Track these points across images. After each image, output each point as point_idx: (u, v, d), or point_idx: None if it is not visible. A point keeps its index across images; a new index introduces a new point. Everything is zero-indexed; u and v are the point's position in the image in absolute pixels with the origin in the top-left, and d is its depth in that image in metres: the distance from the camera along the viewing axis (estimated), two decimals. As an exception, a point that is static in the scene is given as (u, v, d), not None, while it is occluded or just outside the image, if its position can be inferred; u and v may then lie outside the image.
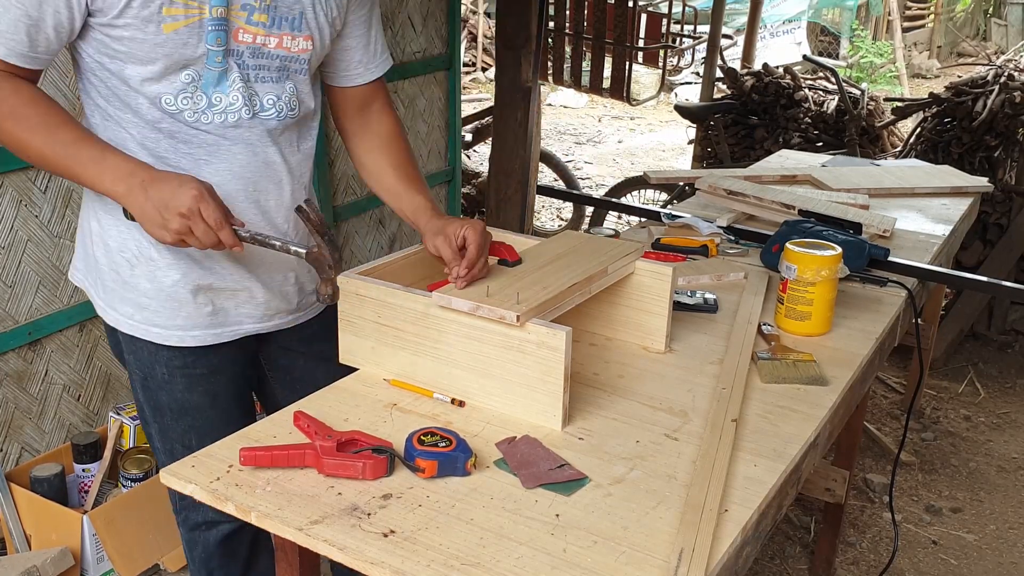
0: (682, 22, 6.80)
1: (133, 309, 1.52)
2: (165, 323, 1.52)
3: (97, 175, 1.34)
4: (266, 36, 1.44)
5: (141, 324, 1.52)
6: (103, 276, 1.52)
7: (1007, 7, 13.79)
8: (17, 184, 2.51)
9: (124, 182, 1.33)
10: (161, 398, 1.59)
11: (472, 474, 1.23)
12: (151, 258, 1.48)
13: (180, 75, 1.39)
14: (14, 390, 2.59)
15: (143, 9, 1.31)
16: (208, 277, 1.51)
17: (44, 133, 1.33)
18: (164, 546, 2.58)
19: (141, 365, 1.58)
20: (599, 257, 1.55)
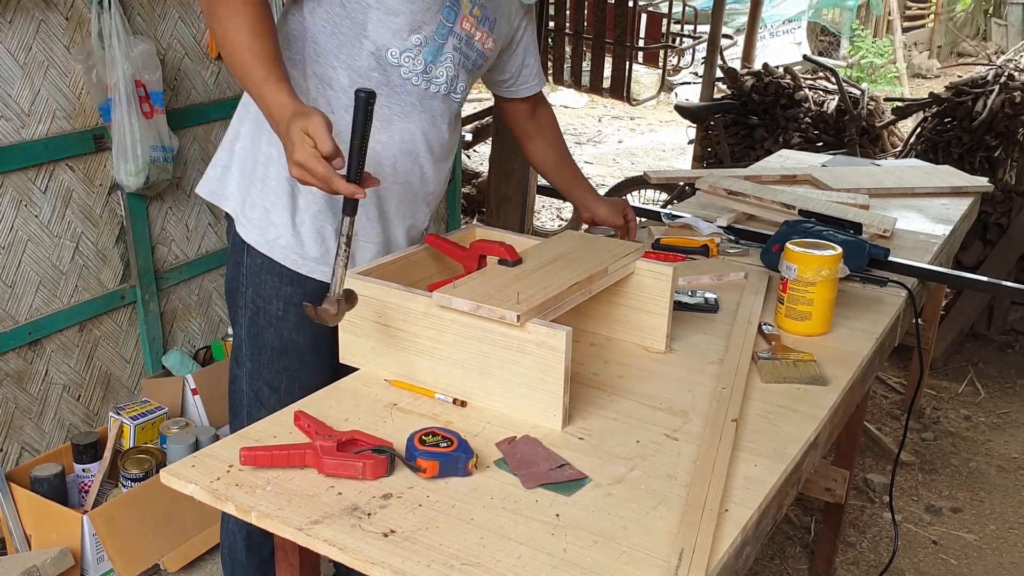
0: (682, 22, 6.80)
1: (279, 232, 1.60)
2: (306, 252, 1.61)
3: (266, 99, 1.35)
4: (475, 30, 1.61)
5: (282, 249, 1.61)
6: (263, 198, 1.60)
7: (1007, 7, 13.79)
8: (17, 184, 2.51)
9: (281, 114, 1.33)
10: (267, 335, 1.67)
11: (473, 474, 1.23)
12: (312, 191, 1.55)
13: (411, 37, 1.52)
14: (14, 390, 2.59)
15: None
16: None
17: (247, 35, 1.37)
18: (164, 546, 2.58)
19: (258, 298, 1.65)
20: (599, 257, 1.55)
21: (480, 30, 1.62)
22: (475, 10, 1.59)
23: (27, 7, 2.43)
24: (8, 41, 2.41)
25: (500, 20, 1.67)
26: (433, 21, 1.53)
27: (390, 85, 1.55)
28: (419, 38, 1.53)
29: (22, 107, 2.49)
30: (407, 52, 1.54)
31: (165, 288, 3.00)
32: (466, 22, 1.58)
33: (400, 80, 1.56)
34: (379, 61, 1.53)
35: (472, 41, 1.62)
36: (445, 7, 1.53)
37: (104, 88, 2.61)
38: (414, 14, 1.50)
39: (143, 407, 2.81)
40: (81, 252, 2.72)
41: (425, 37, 1.54)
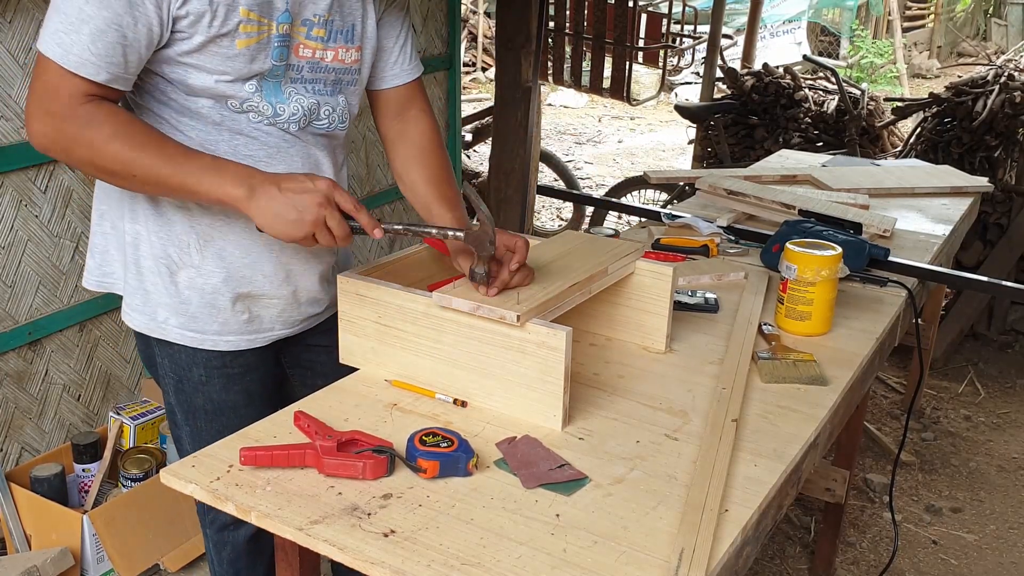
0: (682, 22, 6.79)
1: (169, 313, 1.52)
2: (203, 328, 1.53)
3: (216, 182, 1.32)
4: (324, 50, 1.46)
5: (176, 328, 1.53)
6: (144, 281, 1.52)
7: (1007, 7, 13.79)
8: (17, 184, 2.51)
9: (246, 183, 1.32)
10: (196, 400, 1.60)
11: (473, 474, 1.23)
12: (194, 264, 1.49)
13: (245, 85, 1.40)
14: (14, 390, 2.59)
15: (222, 27, 1.32)
16: (247, 285, 1.52)
17: (153, 150, 1.31)
18: (164, 546, 2.58)
19: (176, 368, 1.58)
20: (599, 257, 1.55)
21: (331, 48, 1.48)
22: (315, 31, 1.44)
23: (27, 7, 2.43)
24: (8, 41, 2.41)
25: (359, 24, 1.51)
26: (264, 66, 1.40)
27: (244, 134, 1.44)
28: (252, 84, 1.41)
29: (22, 107, 2.49)
30: (248, 101, 1.42)
31: (165, 288, 3.00)
32: (304, 49, 1.44)
33: (253, 125, 1.44)
34: (228, 110, 1.42)
35: (321, 63, 1.48)
36: (274, 48, 1.39)
37: (104, 88, 2.60)
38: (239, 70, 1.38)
39: (143, 407, 2.81)
40: (81, 252, 2.72)
41: (258, 83, 1.41)
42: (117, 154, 1.30)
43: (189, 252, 1.48)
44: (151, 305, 1.52)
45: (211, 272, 1.49)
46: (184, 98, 1.41)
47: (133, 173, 1.32)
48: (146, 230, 1.49)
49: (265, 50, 1.38)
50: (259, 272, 1.52)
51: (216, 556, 1.81)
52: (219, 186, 1.32)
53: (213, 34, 1.32)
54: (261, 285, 1.53)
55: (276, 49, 1.39)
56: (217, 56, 1.35)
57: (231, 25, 1.33)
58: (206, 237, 1.48)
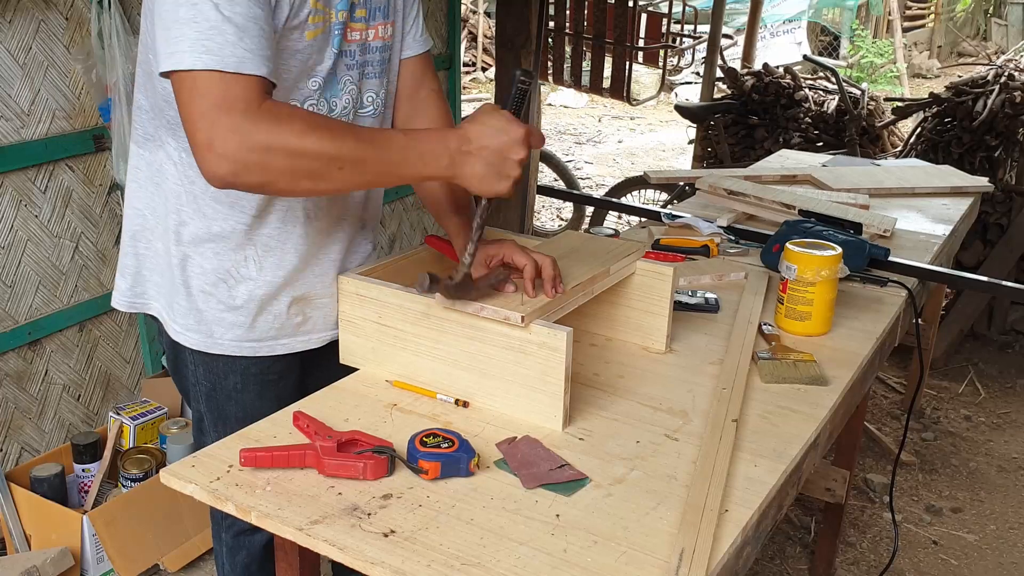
0: (682, 22, 6.79)
1: (224, 329, 1.49)
2: (259, 336, 1.51)
3: (417, 159, 1.25)
4: (367, 30, 1.43)
5: (232, 342, 1.50)
6: (195, 301, 1.47)
7: (1007, 7, 13.78)
8: (17, 184, 2.51)
9: (445, 154, 1.25)
10: (229, 408, 1.57)
11: (475, 474, 1.23)
12: (252, 277, 1.47)
13: (308, 82, 1.38)
14: (14, 390, 2.59)
15: (294, 18, 1.30)
16: (304, 288, 1.51)
17: (352, 135, 1.23)
18: (164, 546, 2.58)
19: (211, 376, 1.54)
20: (601, 257, 1.55)
21: (372, 26, 1.44)
22: (358, 12, 1.40)
23: (27, 7, 2.43)
24: (8, 41, 2.41)
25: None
26: (326, 57, 1.38)
27: None
28: (316, 81, 1.39)
29: (22, 107, 2.49)
30: (310, 100, 1.39)
31: (165, 288, 3.00)
32: (352, 33, 1.40)
33: None
34: None
35: (368, 43, 1.45)
36: (335, 37, 1.37)
37: (104, 88, 2.61)
38: (304, 63, 1.35)
39: (143, 407, 2.81)
40: (81, 252, 2.72)
41: (321, 78, 1.39)
42: (319, 147, 1.19)
43: (247, 265, 1.46)
44: (206, 323, 1.49)
45: (269, 282, 1.48)
46: None
47: (340, 164, 1.21)
48: (195, 251, 1.45)
49: (329, 40, 1.37)
50: (312, 272, 1.52)
51: (229, 561, 1.78)
52: (423, 164, 1.26)
53: (289, 25, 1.29)
54: (314, 285, 1.53)
55: (336, 38, 1.37)
56: (287, 51, 1.32)
57: (303, 16, 1.30)
58: (265, 248, 1.46)
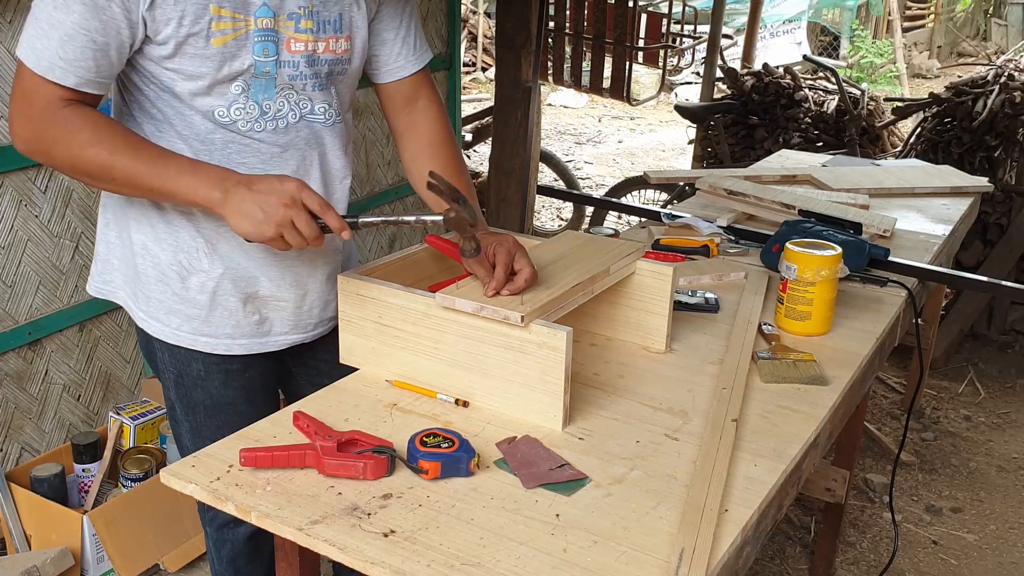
0: (682, 22, 6.79)
1: (181, 320, 1.53)
2: (215, 332, 1.54)
3: (191, 185, 1.33)
4: (315, 42, 1.45)
5: (189, 334, 1.54)
6: (149, 289, 1.52)
7: (1007, 7, 13.78)
8: (17, 184, 2.51)
9: (220, 186, 1.32)
10: (196, 395, 1.60)
11: (475, 474, 1.23)
12: (203, 269, 1.50)
13: (231, 86, 1.40)
14: (14, 390, 2.59)
15: (194, 26, 1.32)
16: (254, 286, 1.53)
17: (129, 153, 1.33)
18: (164, 546, 2.58)
19: (176, 363, 1.58)
20: (601, 257, 1.55)
21: (322, 39, 1.46)
22: (303, 23, 1.42)
23: (27, 7, 2.43)
24: (8, 41, 2.41)
25: (347, 12, 1.49)
26: (245, 63, 1.39)
27: (236, 141, 1.44)
28: (239, 85, 1.40)
29: (22, 107, 2.49)
30: (235, 104, 1.41)
31: (165, 288, 3.00)
32: (295, 43, 1.42)
33: (243, 132, 1.44)
34: (214, 122, 1.42)
35: (316, 55, 1.46)
36: (255, 44, 1.38)
37: (104, 88, 2.60)
38: (218, 69, 1.37)
39: (143, 407, 2.81)
40: (81, 252, 2.72)
41: (246, 82, 1.41)
42: (95, 158, 1.32)
43: (198, 257, 1.49)
44: (163, 312, 1.53)
45: (220, 275, 1.50)
46: (176, 109, 1.41)
47: (112, 176, 1.34)
48: (154, 240, 1.49)
49: (244, 47, 1.37)
50: (264, 275, 1.53)
51: (216, 554, 1.81)
52: (194, 189, 1.33)
53: (184, 34, 1.32)
54: (267, 287, 1.54)
55: (257, 44, 1.38)
56: (195, 57, 1.35)
57: (203, 24, 1.33)
58: (212, 242, 1.49)
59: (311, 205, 1.33)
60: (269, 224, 1.31)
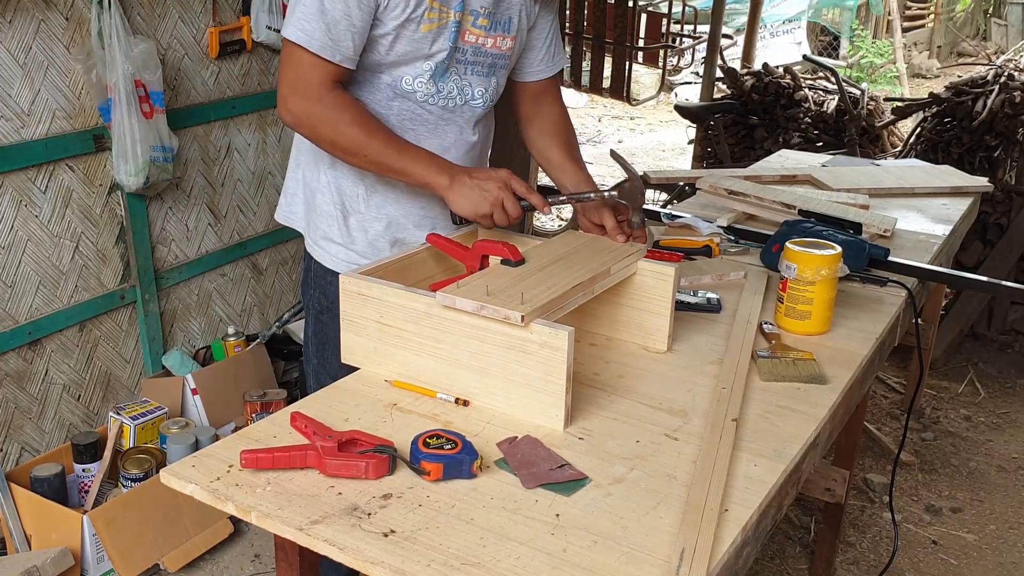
0: (682, 22, 6.80)
1: (338, 248, 1.78)
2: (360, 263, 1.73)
3: (426, 171, 1.61)
4: (485, 37, 1.70)
5: (343, 261, 1.77)
6: (319, 220, 1.79)
7: (1007, 7, 13.78)
8: (17, 184, 2.51)
9: (448, 173, 1.61)
10: (331, 331, 1.75)
11: (477, 476, 1.23)
12: (360, 211, 1.76)
13: (423, 64, 1.66)
14: (14, 390, 2.59)
15: (412, 13, 1.58)
16: (401, 232, 1.78)
17: (383, 138, 1.61)
18: (164, 546, 2.58)
19: (323, 297, 1.81)
20: (602, 257, 1.55)
21: (492, 36, 1.71)
22: (480, 20, 1.67)
23: (27, 7, 2.43)
24: (8, 41, 2.41)
25: (516, 17, 1.74)
26: (443, 49, 1.65)
27: (410, 110, 1.70)
28: (430, 65, 1.66)
29: (22, 107, 2.49)
30: (420, 79, 1.67)
31: (165, 288, 3.00)
32: (469, 35, 1.68)
33: (418, 103, 1.69)
34: (395, 91, 1.67)
35: (483, 49, 1.71)
36: (451, 33, 1.64)
37: (104, 88, 2.61)
38: (419, 50, 1.63)
39: (143, 407, 2.81)
40: (81, 252, 2.72)
41: (434, 64, 1.66)
42: (355, 137, 1.59)
43: (357, 201, 1.76)
44: (325, 240, 1.79)
45: (374, 218, 1.77)
46: (365, 77, 1.66)
47: (365, 154, 1.61)
48: (330, 181, 1.76)
49: (443, 34, 1.63)
50: (410, 222, 1.78)
51: None
52: (428, 174, 1.61)
53: (404, 19, 1.58)
54: (412, 233, 1.78)
55: (452, 33, 1.64)
56: (404, 39, 1.61)
57: (419, 12, 1.58)
58: (372, 190, 1.75)
59: (518, 189, 1.60)
60: (484, 204, 1.59)
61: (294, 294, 3.58)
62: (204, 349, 3.16)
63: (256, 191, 3.30)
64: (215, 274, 3.20)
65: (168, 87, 2.83)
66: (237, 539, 2.74)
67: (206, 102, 3.02)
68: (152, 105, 2.67)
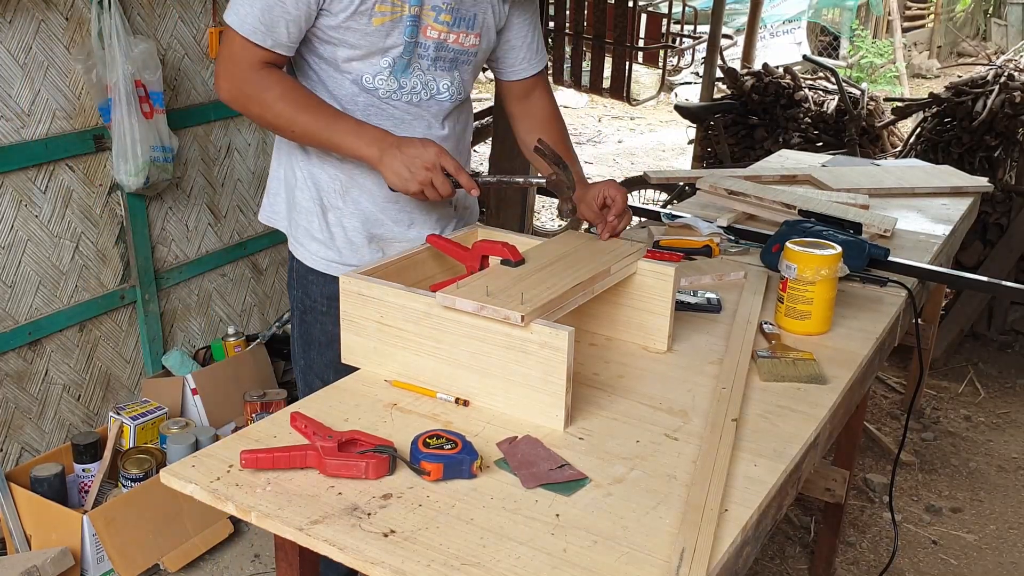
0: (682, 22, 6.80)
1: (318, 247, 1.78)
2: (346, 260, 1.77)
3: (355, 142, 1.61)
4: (448, 33, 1.69)
5: (323, 260, 1.78)
6: (299, 217, 1.79)
7: (1007, 7, 13.78)
8: (17, 184, 2.51)
9: (378, 146, 1.60)
10: (314, 331, 1.82)
11: (477, 476, 1.22)
12: (338, 207, 1.76)
13: (380, 60, 1.66)
14: (14, 390, 2.59)
15: (362, 5, 1.58)
16: (379, 227, 1.78)
17: (311, 111, 1.61)
18: (164, 546, 2.58)
19: (305, 298, 1.82)
20: (602, 257, 1.55)
21: (455, 32, 1.70)
22: (442, 16, 1.66)
23: (27, 7, 2.43)
24: (8, 41, 2.41)
25: (483, 15, 1.73)
26: (398, 44, 1.64)
27: (375, 105, 1.69)
28: (387, 60, 1.66)
29: (22, 107, 2.49)
30: (380, 75, 1.67)
31: (165, 288, 3.00)
32: (431, 31, 1.67)
33: (381, 99, 1.69)
34: (359, 87, 1.68)
35: (446, 44, 1.70)
36: (406, 27, 1.63)
37: (104, 88, 2.61)
38: (373, 44, 1.63)
39: (143, 407, 2.81)
40: (81, 252, 2.72)
41: (392, 59, 1.66)
42: (282, 112, 1.61)
43: (334, 196, 1.75)
44: (307, 238, 1.79)
45: (351, 214, 1.76)
46: (329, 74, 1.67)
47: (292, 128, 1.63)
48: (306, 176, 1.77)
49: (398, 28, 1.63)
50: (388, 217, 1.77)
51: None
52: (357, 147, 1.61)
53: (353, 11, 1.58)
54: (390, 228, 1.78)
55: (408, 28, 1.63)
56: (356, 32, 1.61)
57: (368, 4, 1.58)
58: (347, 186, 1.74)
59: (447, 167, 1.58)
60: (413, 182, 1.58)
61: (294, 294, 3.58)
62: (204, 349, 3.16)
63: (256, 191, 3.30)
64: (215, 274, 3.20)
65: (168, 87, 2.83)
66: (237, 539, 2.74)
67: (206, 102, 3.02)
68: (152, 105, 2.67)
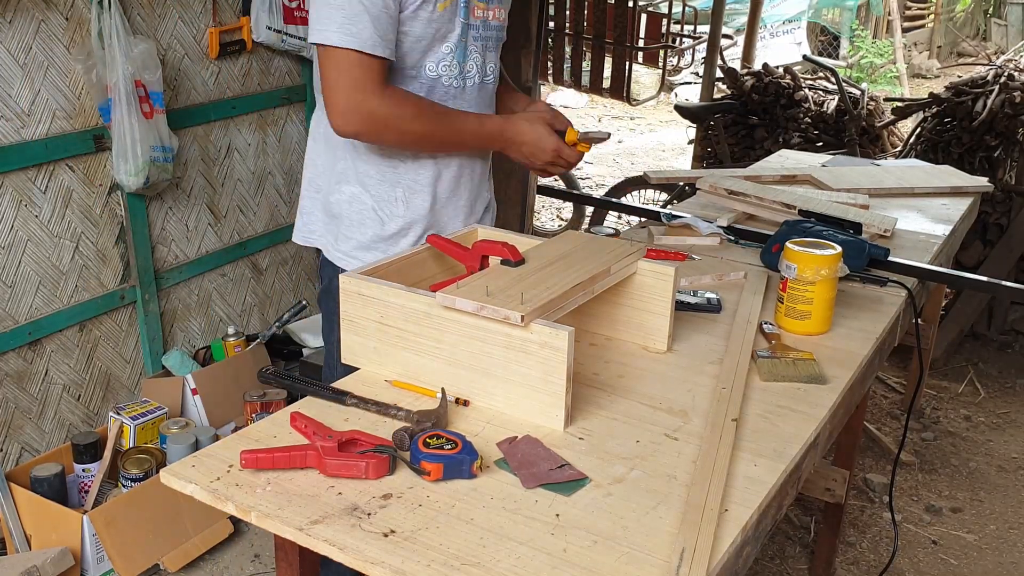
0: (682, 22, 6.80)
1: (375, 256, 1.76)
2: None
3: (483, 141, 1.73)
4: (487, 10, 1.73)
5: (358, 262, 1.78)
6: (351, 231, 1.79)
7: (1007, 7, 13.78)
8: (17, 184, 2.51)
9: (502, 138, 1.73)
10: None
11: (477, 476, 1.22)
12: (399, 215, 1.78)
13: (442, 47, 1.68)
14: (14, 390, 2.59)
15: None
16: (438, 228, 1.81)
17: (445, 123, 1.67)
18: (164, 546, 2.58)
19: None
20: (602, 257, 1.55)
21: (491, 8, 1.74)
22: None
23: (27, 7, 2.43)
24: (8, 41, 2.41)
25: None
26: (455, 26, 1.67)
27: (433, 95, 1.71)
28: (448, 46, 1.69)
29: (22, 107, 2.49)
30: (443, 62, 1.70)
31: (165, 288, 3.00)
32: (477, 10, 1.70)
33: (442, 88, 1.72)
34: (420, 79, 1.69)
35: (488, 22, 1.74)
36: (461, 8, 1.66)
37: (104, 88, 2.61)
38: (437, 30, 1.65)
39: (143, 407, 2.81)
40: (81, 252, 2.72)
41: (452, 45, 1.69)
42: (421, 130, 1.65)
43: (395, 206, 1.77)
44: (359, 249, 1.79)
45: (412, 220, 1.79)
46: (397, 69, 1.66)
47: (430, 141, 1.69)
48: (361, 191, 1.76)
49: (456, 11, 1.67)
50: (444, 215, 1.83)
51: None
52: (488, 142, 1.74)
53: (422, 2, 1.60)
54: (446, 224, 1.84)
55: (463, 9, 1.67)
56: (424, 20, 1.62)
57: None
58: (410, 191, 1.77)
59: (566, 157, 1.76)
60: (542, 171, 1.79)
61: (294, 294, 3.59)
62: (204, 349, 3.16)
63: (256, 191, 3.30)
64: (215, 274, 3.20)
65: (168, 87, 2.83)
66: (237, 539, 2.74)
67: (206, 102, 3.02)
68: (152, 105, 2.67)
